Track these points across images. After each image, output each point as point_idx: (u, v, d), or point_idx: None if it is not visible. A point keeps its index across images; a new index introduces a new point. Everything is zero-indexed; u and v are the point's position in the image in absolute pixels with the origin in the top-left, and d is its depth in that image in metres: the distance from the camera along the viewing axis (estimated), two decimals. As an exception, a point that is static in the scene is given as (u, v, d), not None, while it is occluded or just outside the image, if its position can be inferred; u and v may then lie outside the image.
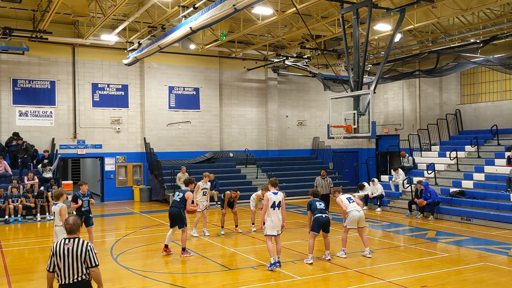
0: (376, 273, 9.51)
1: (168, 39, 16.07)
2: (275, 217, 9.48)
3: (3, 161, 18.40)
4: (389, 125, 27.00)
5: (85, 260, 5.32)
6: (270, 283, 8.92)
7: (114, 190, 22.61)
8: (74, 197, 11.16)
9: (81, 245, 5.36)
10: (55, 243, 5.48)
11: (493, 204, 15.53)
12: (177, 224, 10.82)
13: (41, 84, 21.08)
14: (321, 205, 10.35)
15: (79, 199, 11.07)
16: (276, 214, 9.48)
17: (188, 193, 10.93)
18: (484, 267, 9.97)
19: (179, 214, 10.77)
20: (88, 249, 5.36)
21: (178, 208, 10.79)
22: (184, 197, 10.84)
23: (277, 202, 9.50)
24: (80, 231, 5.53)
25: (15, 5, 17.73)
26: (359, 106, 13.18)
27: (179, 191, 11.12)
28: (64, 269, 5.30)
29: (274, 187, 9.76)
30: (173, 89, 23.72)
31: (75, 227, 5.45)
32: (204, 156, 23.73)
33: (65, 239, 5.42)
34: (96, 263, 5.38)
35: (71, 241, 5.38)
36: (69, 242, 5.37)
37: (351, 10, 13.81)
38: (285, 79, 27.08)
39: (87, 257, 5.32)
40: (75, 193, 11.32)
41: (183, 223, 10.78)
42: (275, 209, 9.47)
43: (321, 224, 10.19)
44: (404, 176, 19.25)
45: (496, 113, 21.67)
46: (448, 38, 20.19)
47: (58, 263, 5.34)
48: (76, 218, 5.52)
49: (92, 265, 5.36)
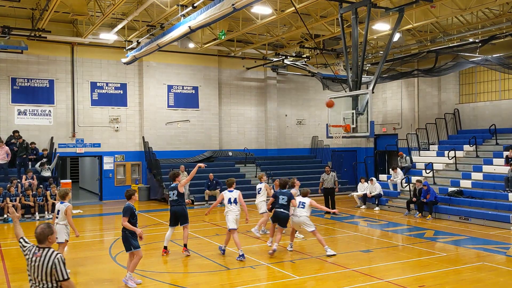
0: (374, 273, 9.54)
1: (167, 38, 16.06)
2: (231, 213, 10.58)
3: (4, 146, 18.31)
4: (388, 125, 27.02)
5: (52, 273, 4.87)
6: (269, 282, 8.94)
7: (112, 189, 22.59)
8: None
9: (49, 257, 4.90)
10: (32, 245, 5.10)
11: (491, 203, 15.56)
12: (180, 221, 10.80)
13: (40, 82, 21.06)
14: (283, 200, 10.93)
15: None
16: (232, 209, 10.62)
17: (180, 184, 10.79)
18: (482, 266, 10.00)
19: (182, 211, 10.74)
20: (55, 262, 4.87)
21: (181, 205, 10.76)
22: (179, 192, 10.74)
23: (232, 199, 10.62)
24: (53, 241, 5.03)
25: (14, 4, 17.69)
26: (357, 105, 13.19)
27: (170, 189, 10.91)
28: (33, 279, 4.95)
29: (230, 187, 10.92)
30: (172, 88, 23.71)
31: (41, 236, 4.97)
32: (203, 155, 23.74)
33: (37, 247, 5.01)
34: (65, 277, 4.90)
35: (40, 251, 4.95)
36: (38, 252, 4.96)
37: (350, 10, 13.81)
38: (284, 78, 27.08)
39: (53, 269, 4.87)
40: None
41: (186, 220, 10.80)
42: (231, 205, 10.59)
43: (277, 218, 11.00)
44: (402, 176, 19.28)
45: (494, 112, 21.69)
46: (447, 38, 20.20)
47: (28, 270, 4.99)
48: (43, 227, 5.02)
49: (61, 279, 4.90)
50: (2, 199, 16.62)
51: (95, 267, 10.19)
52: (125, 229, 8.63)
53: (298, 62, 24.02)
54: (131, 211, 8.63)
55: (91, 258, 10.96)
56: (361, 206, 19.31)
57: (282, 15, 16.52)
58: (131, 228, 8.57)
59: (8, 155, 18.38)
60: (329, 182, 17.48)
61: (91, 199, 23.19)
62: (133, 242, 8.60)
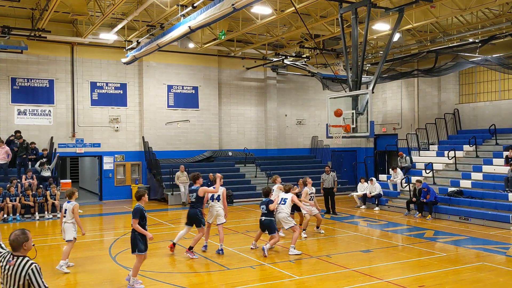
0: (374, 273, 9.54)
1: (167, 38, 16.05)
2: (212, 208, 11.14)
3: (4, 146, 18.32)
4: (388, 125, 27.03)
5: (27, 285, 4.48)
6: (269, 282, 8.94)
7: (112, 189, 22.59)
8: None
9: (22, 266, 4.50)
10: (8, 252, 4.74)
11: (491, 203, 15.56)
12: (195, 224, 10.88)
13: (40, 82, 21.06)
14: (263, 209, 11.07)
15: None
16: (213, 205, 11.12)
17: (200, 189, 10.81)
18: (482, 267, 10.00)
19: (194, 214, 10.77)
20: (30, 273, 4.47)
21: (195, 208, 10.81)
22: (198, 195, 10.76)
23: (215, 196, 11.12)
24: (29, 249, 4.70)
25: (14, 4, 17.69)
26: (357, 105, 13.18)
27: (190, 191, 11.00)
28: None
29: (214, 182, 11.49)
30: (172, 88, 23.71)
31: (15, 243, 4.60)
32: (203, 155, 23.74)
33: (11, 254, 4.64)
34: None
35: (14, 259, 4.58)
36: (12, 260, 4.58)
37: (350, 10, 13.81)
38: (284, 78, 27.08)
39: (26, 280, 4.46)
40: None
41: (200, 223, 10.80)
42: (213, 201, 11.11)
43: (261, 225, 11.18)
44: (402, 176, 19.28)
45: (494, 112, 21.70)
46: (447, 38, 20.20)
47: (1, 278, 4.62)
48: (18, 233, 4.65)
49: None
50: (2, 199, 16.61)
51: (95, 267, 10.19)
52: (135, 230, 8.54)
53: (298, 62, 24.01)
54: (141, 212, 8.52)
55: (91, 258, 10.95)
56: (361, 206, 19.32)
57: (282, 15, 16.52)
58: (141, 231, 8.49)
59: (9, 155, 18.38)
60: (329, 182, 17.55)
61: (91, 199, 23.18)
62: (140, 245, 8.49)
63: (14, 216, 16.62)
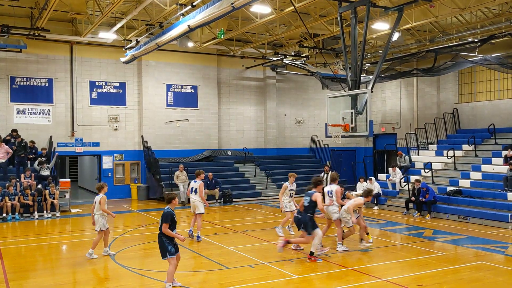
0: (373, 272, 9.54)
1: (166, 37, 16.05)
2: (191, 200, 12.57)
3: (4, 145, 18.30)
4: (387, 124, 27.03)
5: None
6: (268, 281, 8.93)
7: (111, 188, 22.45)
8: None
9: None
10: None
11: (490, 203, 15.57)
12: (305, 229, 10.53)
13: (39, 82, 21.04)
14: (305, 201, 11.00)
15: None
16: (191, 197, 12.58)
17: (315, 194, 10.42)
18: (480, 266, 10.01)
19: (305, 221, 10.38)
20: None
21: (306, 213, 10.45)
22: (312, 200, 10.36)
23: (194, 188, 12.49)
24: None
25: (13, 3, 17.68)
26: (357, 105, 13.18)
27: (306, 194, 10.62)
28: None
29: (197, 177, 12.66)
30: (171, 87, 23.69)
31: None
32: (202, 154, 23.73)
33: None
34: None
35: None
36: None
37: (349, 9, 13.80)
38: (283, 78, 27.08)
39: None
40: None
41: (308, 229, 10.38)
42: (192, 193, 12.55)
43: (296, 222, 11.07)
44: (401, 175, 19.29)
45: (493, 112, 21.71)
46: (446, 37, 20.20)
47: None
48: None
49: None
50: (1, 198, 16.60)
51: (95, 267, 10.18)
52: (162, 234, 8.26)
53: (297, 61, 24.00)
54: (171, 216, 8.27)
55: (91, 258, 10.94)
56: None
57: (281, 14, 16.51)
58: (172, 234, 8.25)
59: (8, 153, 18.37)
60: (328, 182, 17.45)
61: (90, 198, 23.09)
62: (169, 248, 8.22)
63: (13, 215, 16.61)
